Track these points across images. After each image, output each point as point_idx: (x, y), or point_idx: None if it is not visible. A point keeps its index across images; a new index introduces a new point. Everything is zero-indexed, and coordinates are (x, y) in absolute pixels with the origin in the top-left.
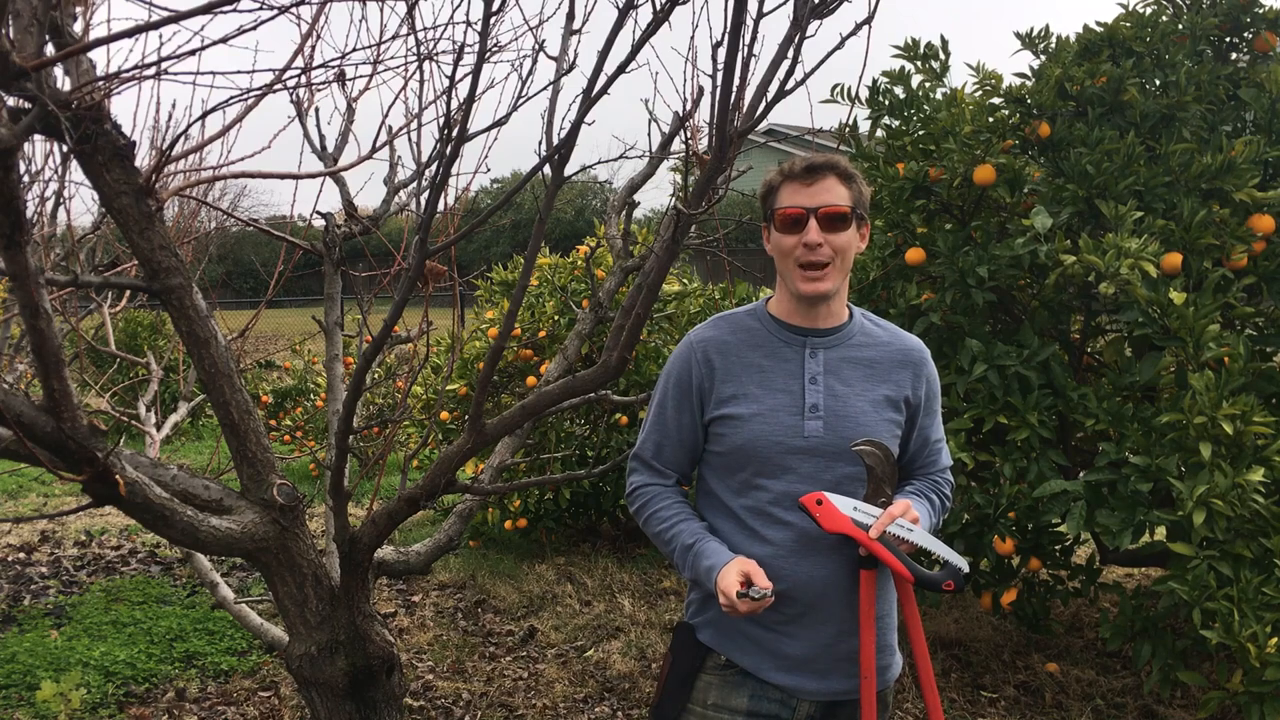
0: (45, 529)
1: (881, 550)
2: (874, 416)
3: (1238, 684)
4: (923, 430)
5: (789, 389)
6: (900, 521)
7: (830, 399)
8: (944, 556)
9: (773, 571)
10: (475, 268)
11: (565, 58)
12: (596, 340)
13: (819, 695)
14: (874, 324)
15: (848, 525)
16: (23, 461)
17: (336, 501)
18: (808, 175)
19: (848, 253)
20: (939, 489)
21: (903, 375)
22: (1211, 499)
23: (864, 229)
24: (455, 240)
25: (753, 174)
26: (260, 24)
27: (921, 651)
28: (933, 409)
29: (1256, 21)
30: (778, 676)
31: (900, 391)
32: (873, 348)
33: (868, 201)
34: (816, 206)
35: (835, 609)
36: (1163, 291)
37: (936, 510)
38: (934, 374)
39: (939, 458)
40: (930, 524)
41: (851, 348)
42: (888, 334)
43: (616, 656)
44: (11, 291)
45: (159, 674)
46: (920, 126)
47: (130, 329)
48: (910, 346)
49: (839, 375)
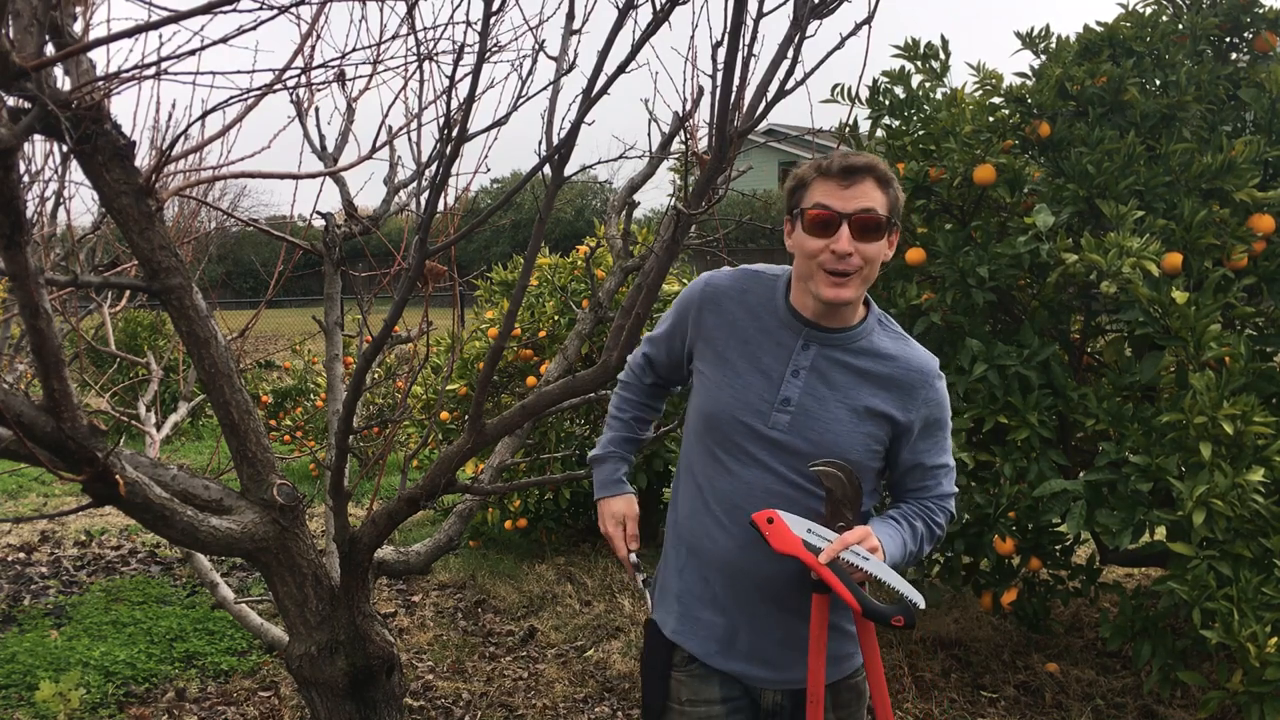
0: (45, 529)
1: (830, 576)
2: (848, 426)
3: (1238, 684)
4: (916, 454)
5: (769, 373)
6: (856, 549)
7: (806, 397)
8: (898, 590)
9: (719, 554)
10: (475, 268)
11: (565, 58)
12: (596, 340)
13: (766, 684)
14: (887, 335)
15: (798, 547)
16: (23, 461)
17: (336, 501)
18: (845, 176)
19: (876, 262)
20: (929, 515)
21: (896, 393)
22: (1211, 499)
23: (894, 235)
24: (455, 240)
25: (753, 174)
26: (260, 24)
27: (876, 680)
28: (933, 434)
29: (1256, 21)
30: (727, 664)
31: (888, 408)
32: (872, 358)
33: (902, 206)
34: (851, 212)
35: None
36: (1164, 291)
37: (918, 537)
38: (939, 398)
39: (937, 485)
40: (904, 552)
41: (850, 353)
42: (897, 348)
43: (616, 656)
44: (11, 291)
45: (159, 674)
46: (920, 126)
47: (130, 329)
48: (915, 367)
49: (825, 377)
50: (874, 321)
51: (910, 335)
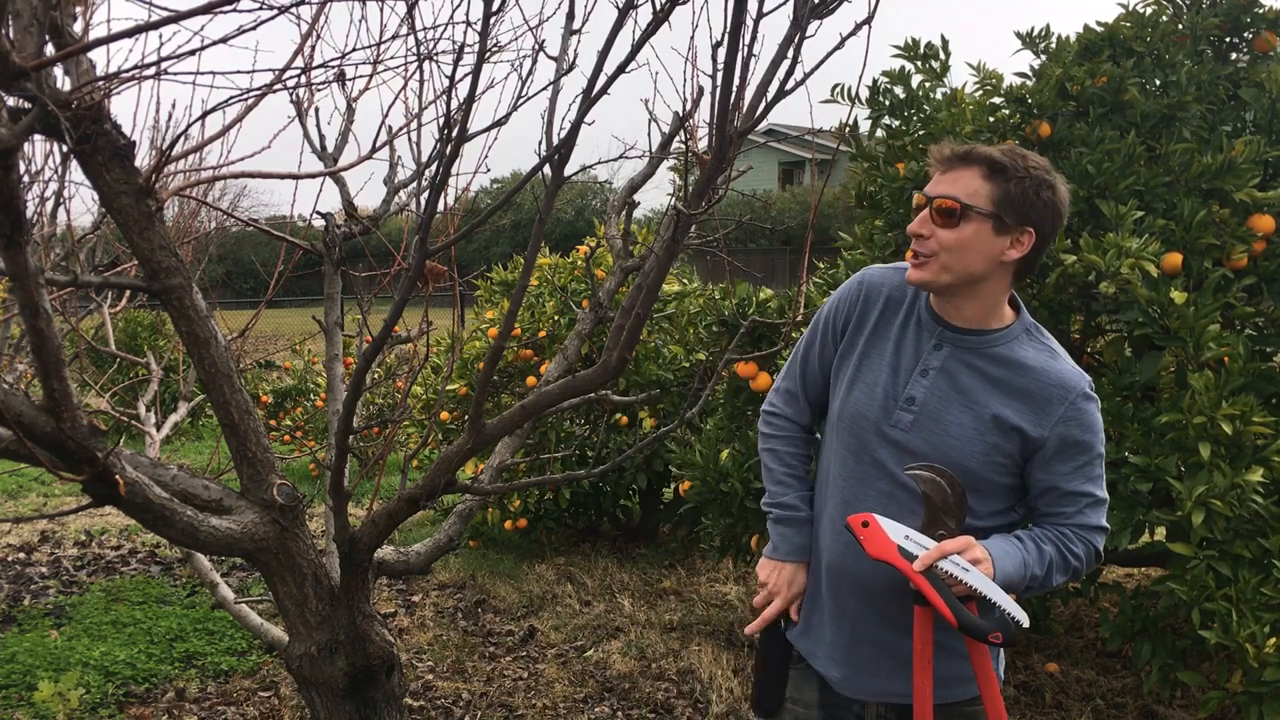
0: (45, 529)
1: (924, 584)
2: (971, 433)
3: (1237, 684)
4: (1052, 475)
5: (898, 370)
6: (956, 559)
7: (932, 398)
8: (1000, 604)
9: (826, 554)
10: (475, 268)
11: (565, 58)
12: (596, 340)
13: (862, 693)
14: (1033, 345)
15: (893, 553)
16: (23, 461)
17: (336, 501)
18: (946, 164)
19: (960, 252)
20: (1063, 542)
21: (1030, 406)
22: (1211, 499)
23: (1015, 234)
24: (455, 240)
25: (753, 174)
26: (260, 24)
27: (991, 710)
28: (1072, 456)
29: (1256, 21)
30: (828, 668)
31: (1019, 420)
32: (1009, 367)
33: (1022, 202)
34: (933, 196)
35: (885, 607)
36: (1163, 291)
37: (1045, 562)
38: (1083, 419)
39: (1078, 514)
40: (1024, 573)
41: (985, 358)
42: (1039, 360)
43: (616, 656)
44: (11, 291)
45: (159, 674)
46: (920, 126)
47: (130, 329)
48: (1055, 381)
49: (955, 379)
50: (1020, 330)
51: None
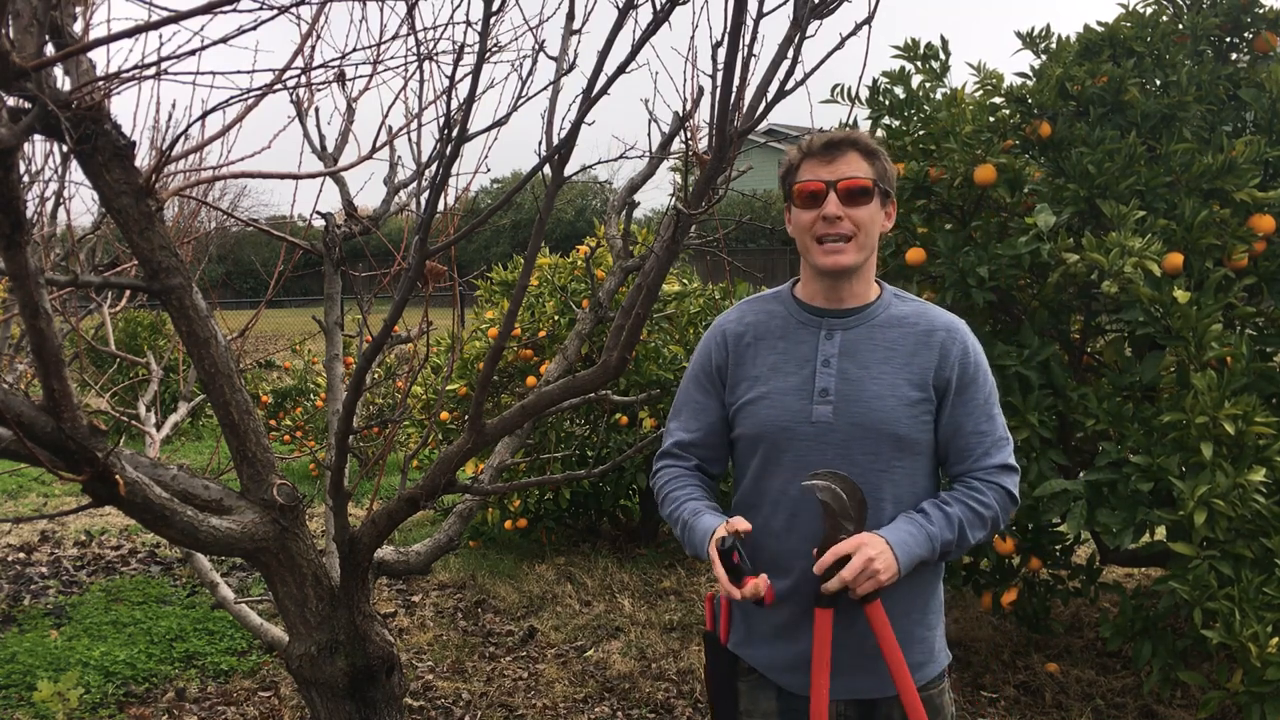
0: (45, 529)
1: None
2: (890, 400)
3: (1238, 684)
4: (954, 418)
5: (800, 372)
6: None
7: (842, 383)
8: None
9: (783, 563)
10: (475, 268)
11: (565, 58)
12: (596, 340)
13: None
14: (905, 303)
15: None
16: (23, 461)
17: (336, 501)
18: (827, 151)
19: (870, 228)
20: (972, 497)
21: (927, 357)
22: (1212, 499)
23: (890, 206)
24: (455, 240)
25: (753, 174)
26: (260, 24)
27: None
28: (969, 394)
29: (1256, 21)
30: (784, 678)
31: (924, 375)
32: (895, 328)
33: (893, 178)
34: (836, 180)
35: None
36: (1166, 290)
37: (954, 524)
38: (970, 355)
39: (984, 455)
40: (930, 547)
41: (873, 328)
42: (915, 312)
43: (616, 656)
44: (11, 291)
45: (159, 674)
46: (920, 126)
47: (130, 329)
48: (937, 325)
49: (855, 358)
50: (890, 295)
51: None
